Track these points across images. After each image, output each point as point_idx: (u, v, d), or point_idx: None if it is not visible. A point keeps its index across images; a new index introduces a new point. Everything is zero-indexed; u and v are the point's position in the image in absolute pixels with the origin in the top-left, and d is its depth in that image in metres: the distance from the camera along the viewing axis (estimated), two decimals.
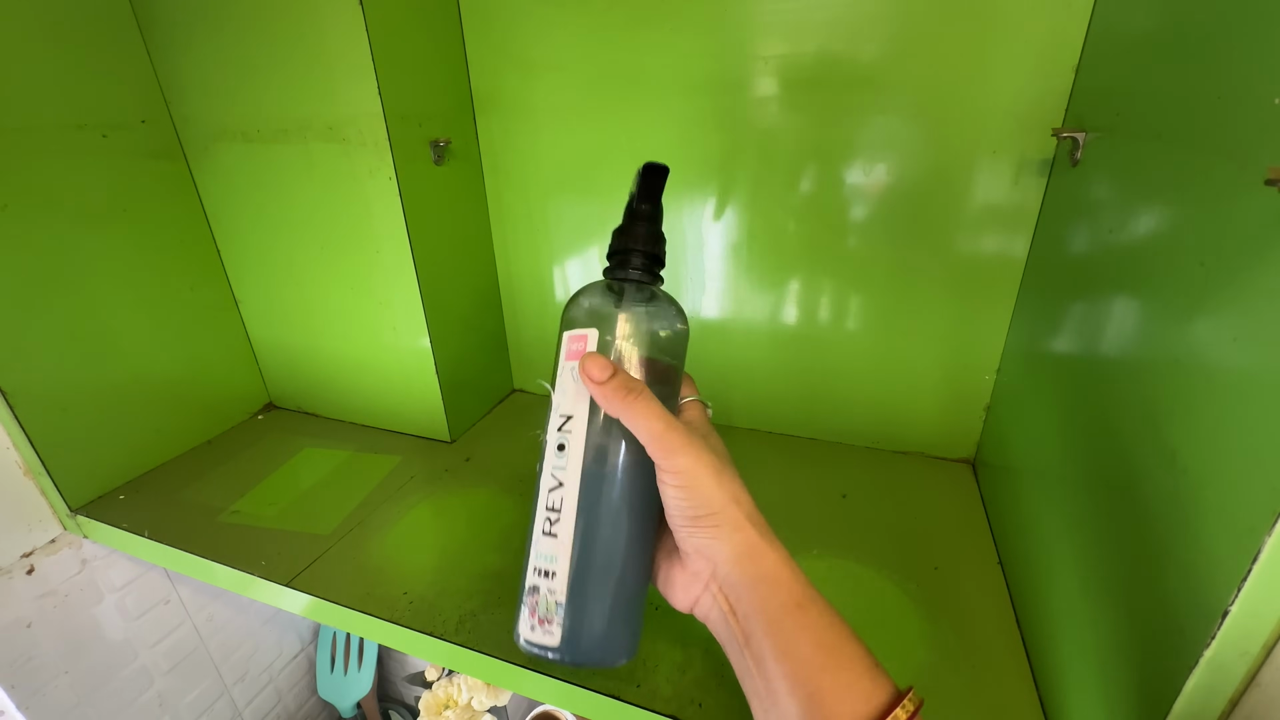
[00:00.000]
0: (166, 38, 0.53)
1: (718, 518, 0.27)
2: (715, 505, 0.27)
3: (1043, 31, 0.41)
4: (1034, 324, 0.45)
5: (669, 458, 0.27)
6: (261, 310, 0.64)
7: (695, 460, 0.27)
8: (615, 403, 0.28)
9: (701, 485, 0.27)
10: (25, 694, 0.50)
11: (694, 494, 0.27)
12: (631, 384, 0.28)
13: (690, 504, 0.27)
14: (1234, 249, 0.23)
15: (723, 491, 0.27)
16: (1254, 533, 0.19)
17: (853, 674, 0.24)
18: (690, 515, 0.27)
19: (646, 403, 0.28)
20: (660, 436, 0.27)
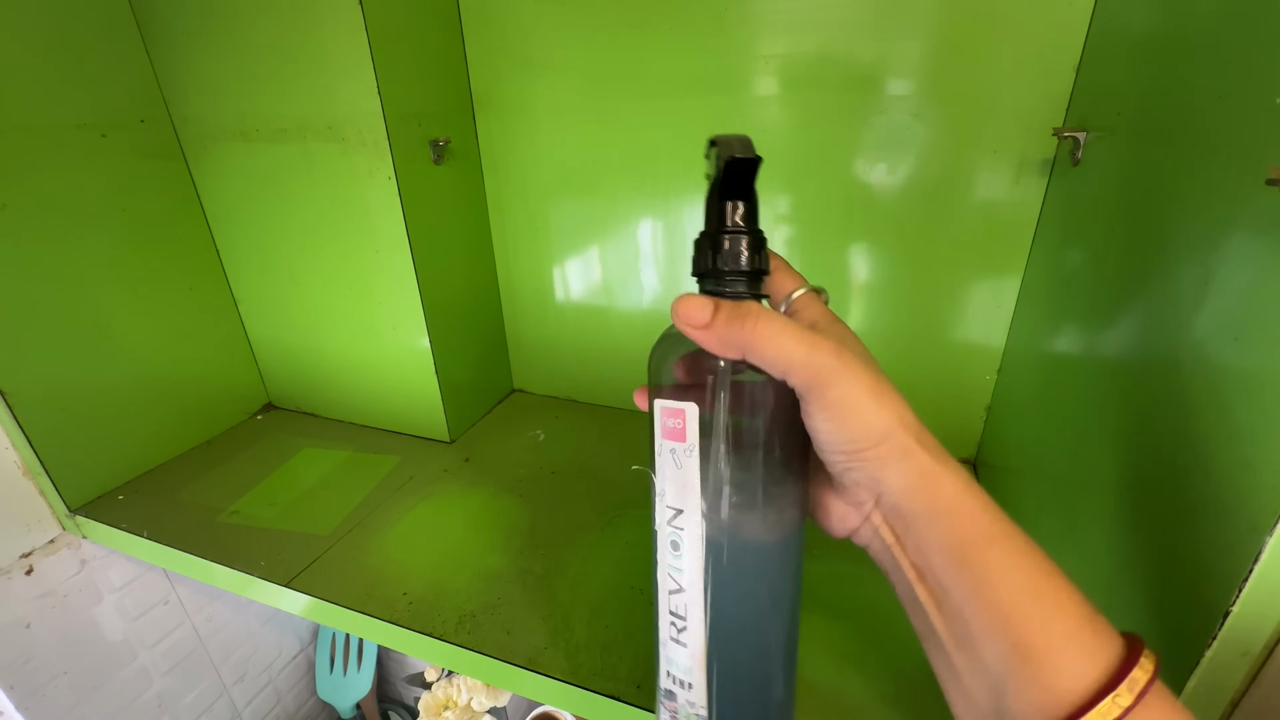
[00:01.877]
0: (166, 37, 0.53)
1: (882, 448, 0.22)
2: (879, 433, 0.22)
3: (1044, 31, 0.41)
4: (1035, 324, 0.45)
5: (821, 391, 0.22)
6: (261, 310, 0.64)
7: (852, 385, 0.22)
8: (733, 340, 0.23)
9: (861, 413, 0.22)
10: (24, 694, 0.50)
11: (852, 424, 0.22)
12: (743, 309, 0.23)
13: (848, 436, 0.22)
14: (1235, 248, 0.23)
15: (886, 413, 0.22)
16: (1255, 532, 0.19)
17: (1067, 623, 0.19)
18: (849, 450, 0.22)
19: (770, 323, 0.22)
20: (805, 364, 0.22)
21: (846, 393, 0.22)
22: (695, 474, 0.24)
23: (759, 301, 0.25)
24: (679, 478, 0.25)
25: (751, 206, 0.27)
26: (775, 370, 0.22)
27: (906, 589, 0.23)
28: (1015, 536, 0.21)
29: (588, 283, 0.62)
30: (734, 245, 0.26)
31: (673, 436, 0.25)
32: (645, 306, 0.61)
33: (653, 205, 0.56)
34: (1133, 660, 0.18)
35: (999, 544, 0.20)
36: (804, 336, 0.22)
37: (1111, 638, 0.19)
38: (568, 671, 0.36)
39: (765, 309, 0.23)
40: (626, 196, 0.56)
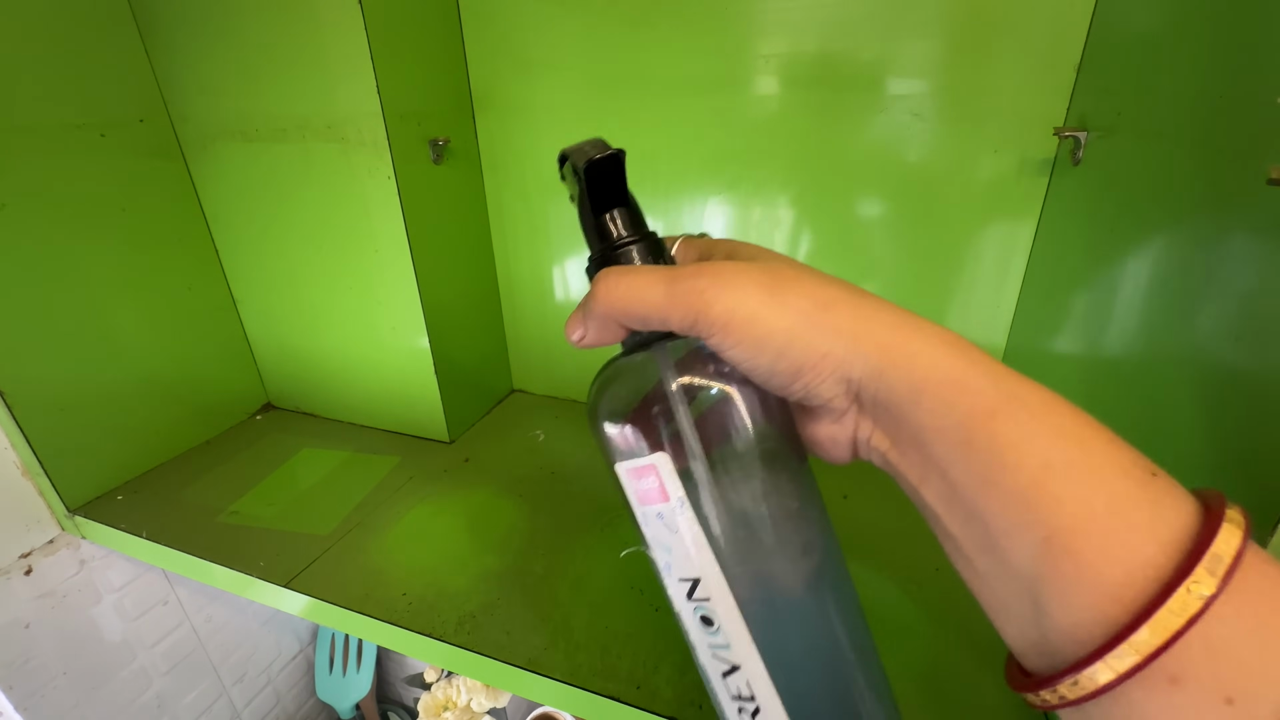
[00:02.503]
0: (165, 36, 0.53)
1: (810, 346, 0.17)
2: (790, 332, 0.17)
3: (1045, 30, 0.41)
4: (1036, 324, 0.45)
5: (705, 320, 0.18)
6: (260, 310, 0.64)
7: (733, 293, 0.18)
8: (599, 318, 0.20)
9: (762, 319, 0.17)
10: (23, 695, 0.50)
11: (760, 338, 0.18)
12: (594, 284, 0.21)
13: (765, 353, 0.18)
14: (1235, 248, 0.23)
15: (794, 303, 0.18)
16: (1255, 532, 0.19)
17: (1112, 493, 0.14)
18: (782, 370, 0.18)
19: (619, 276, 0.20)
20: (670, 298, 0.18)
21: (731, 306, 0.18)
22: (697, 532, 0.20)
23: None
24: (679, 544, 0.20)
25: (629, 208, 0.22)
26: (656, 324, 0.19)
27: (915, 498, 0.18)
28: (1028, 400, 0.16)
29: (587, 283, 0.62)
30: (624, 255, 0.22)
31: (652, 499, 0.21)
32: None
33: (652, 205, 0.56)
34: (1211, 529, 0.13)
35: (1007, 413, 0.16)
36: (659, 271, 0.19)
37: (1178, 502, 0.14)
38: (568, 672, 0.36)
39: (618, 267, 0.21)
40: None
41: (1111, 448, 0.15)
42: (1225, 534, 0.13)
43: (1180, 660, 0.13)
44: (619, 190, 0.22)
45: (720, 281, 0.18)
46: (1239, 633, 0.13)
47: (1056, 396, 0.16)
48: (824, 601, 0.21)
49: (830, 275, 0.19)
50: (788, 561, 0.21)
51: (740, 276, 0.18)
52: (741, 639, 0.20)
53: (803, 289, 0.18)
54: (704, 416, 0.20)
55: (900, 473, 0.19)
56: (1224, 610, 0.13)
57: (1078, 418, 0.16)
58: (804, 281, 0.18)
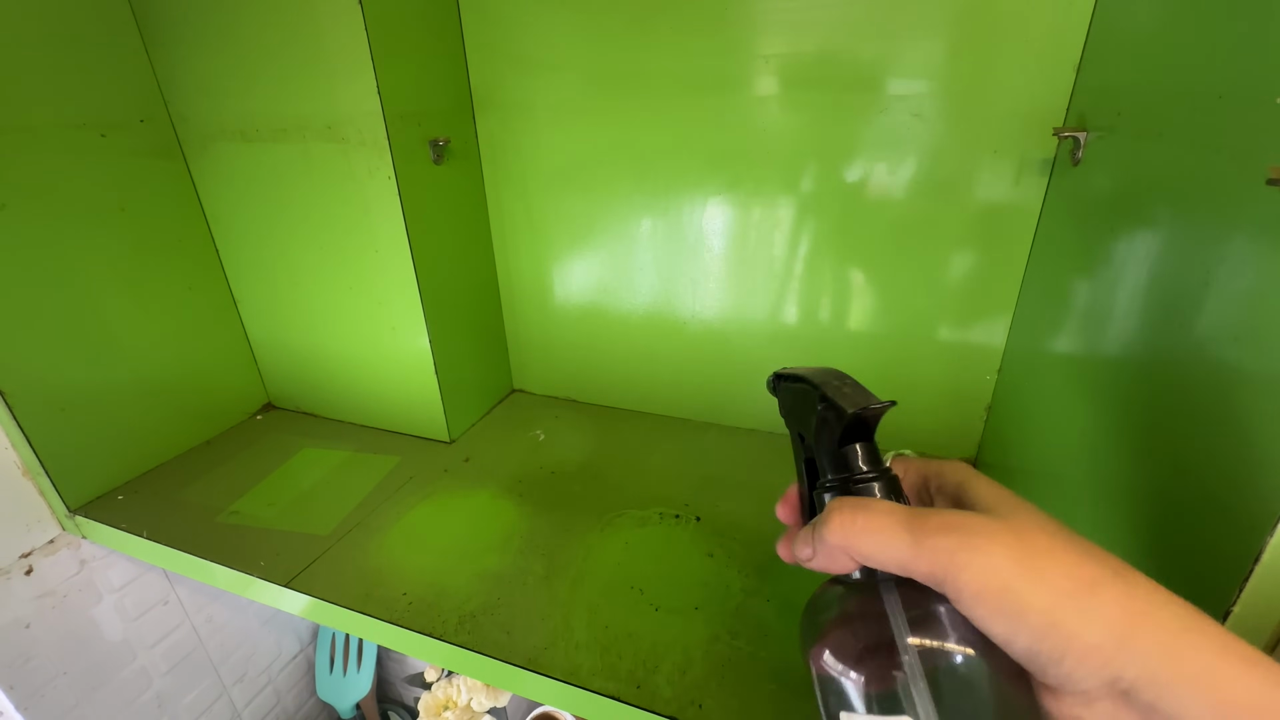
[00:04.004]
0: (165, 37, 0.53)
1: (1074, 638, 0.16)
2: (1054, 617, 0.16)
3: (1044, 30, 0.41)
4: (1035, 324, 0.45)
5: (954, 581, 0.17)
6: (260, 310, 0.64)
7: (986, 560, 0.17)
8: (830, 547, 0.20)
9: (1016, 591, 0.16)
10: (24, 694, 0.50)
11: (1013, 612, 0.17)
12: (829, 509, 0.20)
13: (1025, 638, 0.17)
14: (1235, 248, 0.23)
15: (1048, 590, 0.16)
16: (1255, 532, 0.19)
17: None
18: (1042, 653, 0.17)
19: (856, 510, 0.19)
20: (914, 551, 0.18)
21: (984, 575, 0.17)
22: None
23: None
24: None
25: (871, 443, 0.21)
26: (894, 569, 0.18)
27: None
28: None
29: (588, 282, 0.62)
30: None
31: None
32: (645, 306, 0.61)
33: (653, 205, 0.56)
34: None
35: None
36: (901, 514, 0.18)
37: None
38: (568, 671, 0.36)
39: (855, 498, 0.20)
40: (626, 196, 0.56)
41: None
42: None
43: None
44: (870, 429, 0.21)
45: (970, 544, 0.17)
46: None
47: None
48: None
49: (1086, 542, 0.18)
50: None
51: (990, 541, 0.17)
52: None
53: (1062, 565, 0.17)
54: (950, 684, 0.18)
55: None
56: None
57: None
58: (1061, 554, 0.17)
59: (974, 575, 0.17)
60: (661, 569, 0.44)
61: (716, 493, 0.51)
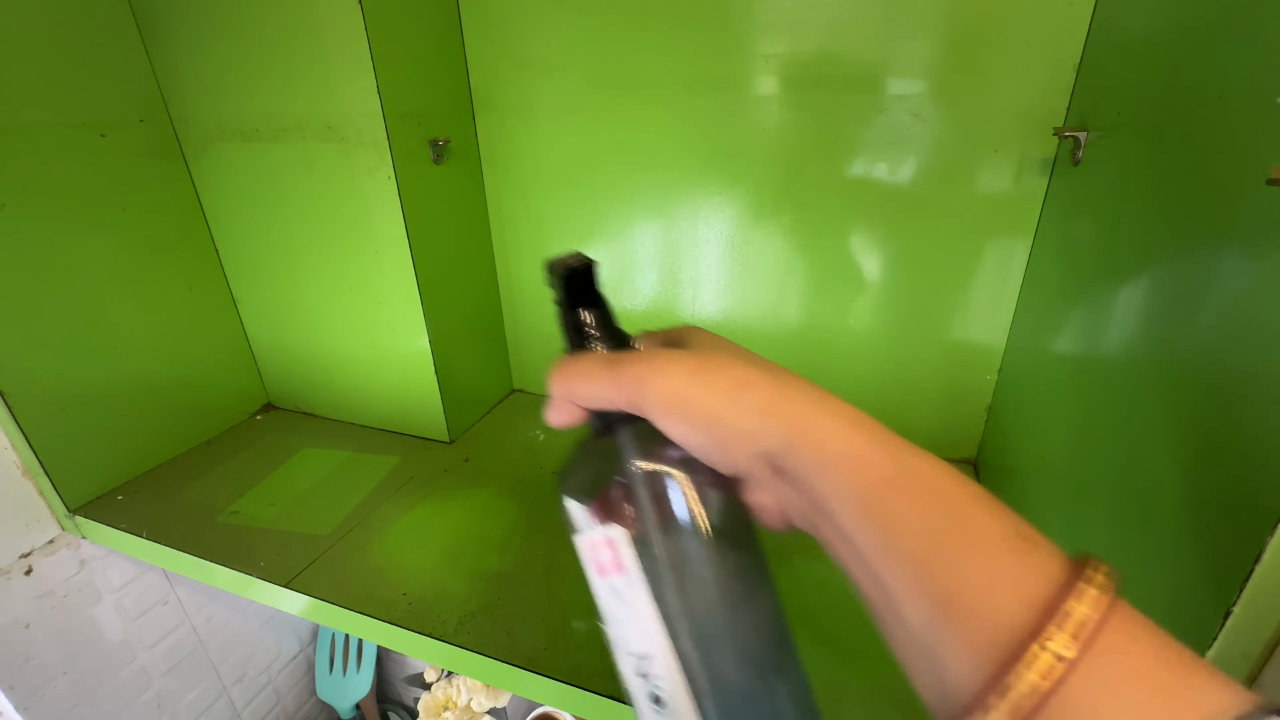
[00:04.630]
0: (165, 36, 0.53)
1: (729, 425, 0.19)
2: (714, 410, 0.19)
3: (1044, 30, 0.41)
4: (1035, 323, 0.45)
5: (642, 401, 0.20)
6: (260, 310, 0.64)
7: (664, 378, 0.20)
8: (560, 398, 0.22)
9: (690, 399, 0.19)
10: (24, 695, 0.50)
11: (690, 415, 0.20)
12: (550, 380, 0.22)
13: (694, 429, 0.20)
14: (1235, 248, 0.23)
15: (716, 384, 0.19)
16: (1255, 532, 0.19)
17: (988, 557, 0.16)
18: (710, 443, 0.20)
19: (572, 362, 0.22)
20: (613, 382, 0.20)
21: (663, 389, 0.20)
22: (649, 606, 0.21)
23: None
24: (632, 618, 0.21)
25: (601, 310, 0.24)
26: (603, 404, 0.21)
27: (838, 562, 0.20)
28: (919, 472, 0.18)
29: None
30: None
31: (608, 571, 0.22)
32: (645, 306, 0.61)
33: (653, 204, 0.56)
34: (1066, 590, 0.14)
35: (900, 485, 0.17)
36: (605, 357, 0.22)
37: (1049, 566, 0.15)
38: (568, 672, 0.36)
39: (569, 356, 0.23)
40: (626, 196, 0.56)
41: (991, 518, 0.17)
42: (1081, 593, 0.14)
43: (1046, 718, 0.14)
44: (592, 294, 0.24)
45: (654, 367, 0.20)
46: (1098, 694, 0.14)
47: (948, 468, 0.18)
48: (771, 682, 0.22)
49: (758, 358, 0.21)
50: (737, 639, 0.21)
51: (673, 363, 0.20)
52: (689, 718, 0.21)
53: (725, 371, 0.20)
54: (656, 493, 0.21)
55: (822, 539, 0.20)
56: (1086, 670, 0.14)
57: (964, 489, 0.17)
58: (728, 365, 0.20)
59: (657, 392, 0.20)
60: None
61: None
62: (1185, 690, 0.13)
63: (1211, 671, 0.14)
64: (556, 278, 0.23)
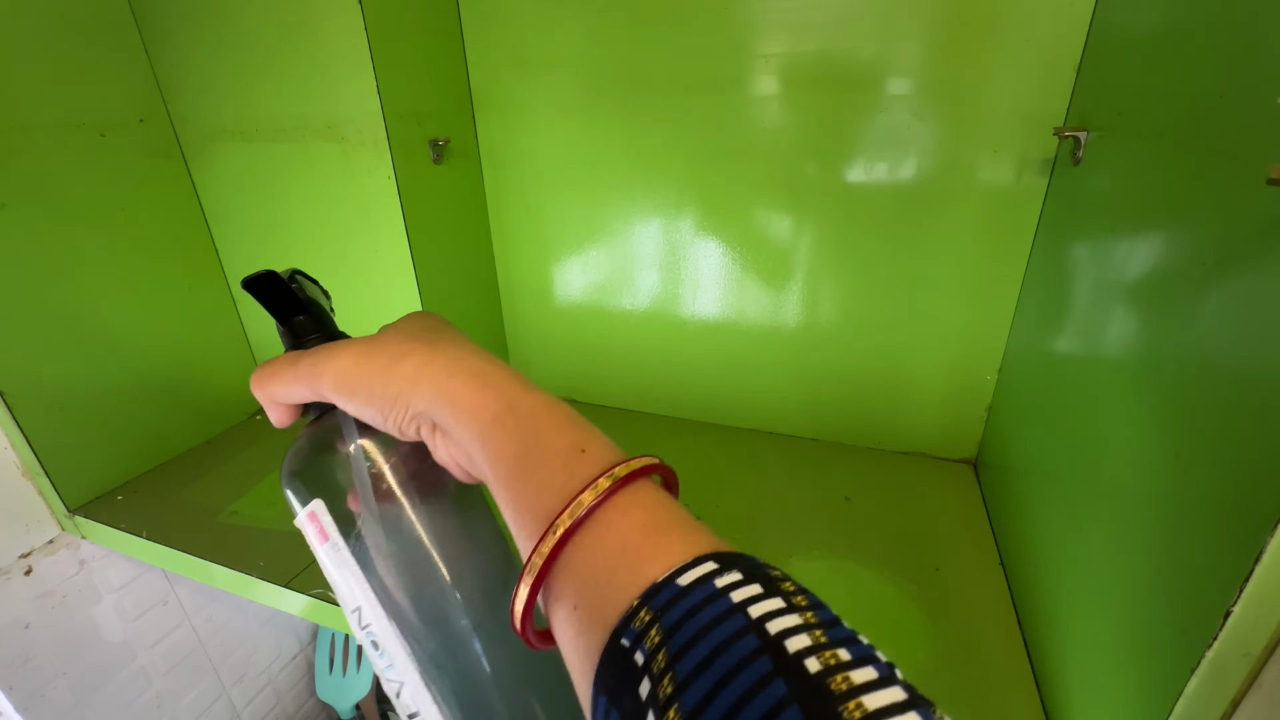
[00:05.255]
0: (165, 37, 0.53)
1: (384, 394, 0.22)
2: (374, 385, 0.22)
3: (1045, 30, 0.41)
4: (1035, 324, 0.45)
5: (315, 383, 0.23)
6: (260, 310, 0.64)
7: (318, 362, 0.23)
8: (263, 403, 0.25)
9: (352, 379, 0.22)
10: (24, 695, 0.50)
11: (354, 394, 0.22)
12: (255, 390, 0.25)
13: (364, 406, 0.22)
14: (1235, 248, 0.23)
15: (372, 367, 0.22)
16: (1256, 532, 0.19)
17: (550, 468, 0.19)
18: (376, 414, 0.22)
19: (260, 371, 0.24)
20: (293, 376, 0.23)
21: (334, 371, 0.23)
22: (352, 564, 0.24)
23: None
24: (344, 578, 0.24)
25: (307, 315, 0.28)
26: (295, 398, 0.24)
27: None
28: (521, 408, 0.21)
29: (587, 282, 0.62)
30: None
31: (318, 540, 0.24)
32: (644, 305, 0.60)
33: (652, 204, 0.56)
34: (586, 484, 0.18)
35: (502, 421, 0.21)
36: (292, 356, 0.24)
37: (590, 467, 0.19)
38: None
39: (263, 362, 0.25)
40: (626, 195, 0.56)
41: (560, 437, 0.20)
42: (597, 486, 0.18)
43: (557, 580, 0.18)
44: (291, 301, 0.27)
45: (328, 354, 0.23)
46: (583, 556, 0.18)
47: (546, 400, 0.21)
48: (474, 623, 0.24)
49: (432, 334, 0.23)
50: (432, 584, 0.24)
51: (344, 349, 0.23)
52: (401, 658, 0.23)
53: (387, 347, 0.23)
54: (345, 464, 0.24)
55: (473, 476, 0.23)
56: (577, 541, 0.18)
57: (550, 415, 0.21)
58: (392, 341, 0.23)
59: (329, 375, 0.23)
60: None
61: (716, 492, 0.51)
62: (648, 548, 0.17)
63: (685, 534, 0.17)
64: (253, 294, 0.26)
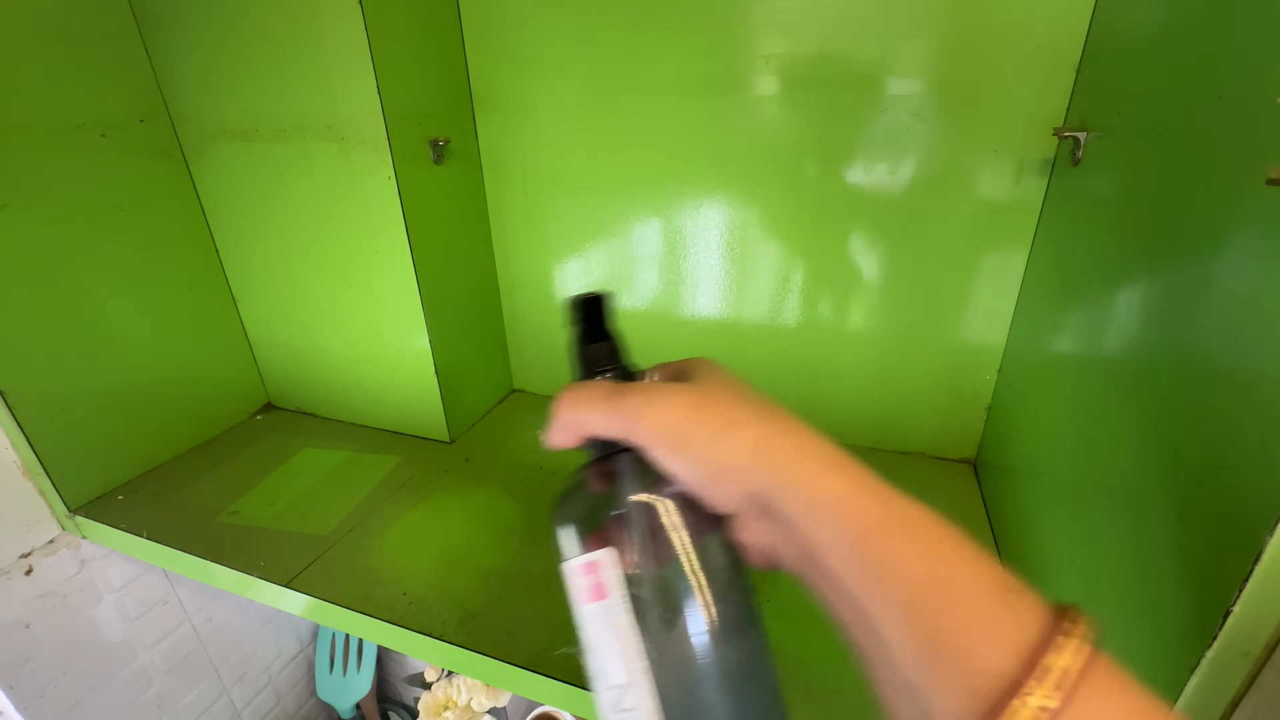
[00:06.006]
0: (165, 36, 0.53)
1: (717, 461, 0.20)
2: (705, 447, 0.20)
3: (1044, 30, 0.41)
4: (1035, 324, 0.45)
5: (638, 432, 0.21)
6: (260, 310, 0.64)
7: (662, 411, 0.20)
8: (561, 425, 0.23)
9: (686, 433, 0.20)
10: (24, 695, 0.50)
11: (686, 448, 0.20)
12: (555, 403, 0.23)
13: (688, 462, 0.20)
14: (1235, 248, 0.23)
15: (705, 426, 0.20)
16: (1255, 532, 0.19)
17: (977, 605, 0.16)
18: (703, 477, 0.20)
19: (575, 391, 0.22)
20: (611, 411, 0.21)
21: (657, 420, 0.20)
22: (631, 633, 0.20)
23: None
24: (615, 646, 0.21)
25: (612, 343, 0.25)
26: (601, 431, 0.22)
27: (826, 607, 0.20)
28: (908, 518, 0.18)
29: (588, 282, 0.62)
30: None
31: (592, 596, 0.21)
32: (645, 305, 0.61)
33: (653, 204, 0.56)
34: (1046, 644, 0.15)
35: (889, 531, 0.18)
36: (608, 386, 0.22)
37: (1033, 617, 0.16)
38: (568, 671, 0.36)
39: (575, 383, 0.23)
40: (626, 195, 0.56)
41: (978, 566, 0.17)
42: (1062, 647, 0.15)
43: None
44: (603, 327, 0.25)
45: (651, 399, 0.21)
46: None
47: (933, 515, 0.18)
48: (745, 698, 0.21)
49: (756, 397, 0.21)
50: (716, 674, 0.21)
51: (670, 396, 0.21)
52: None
53: (720, 408, 0.20)
54: (644, 522, 0.21)
55: (808, 580, 0.20)
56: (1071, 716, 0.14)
57: (951, 536, 0.18)
58: (723, 401, 0.21)
59: (652, 423, 0.20)
60: None
61: None
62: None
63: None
64: (572, 309, 0.25)
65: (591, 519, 0.22)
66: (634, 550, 0.21)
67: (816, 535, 0.19)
